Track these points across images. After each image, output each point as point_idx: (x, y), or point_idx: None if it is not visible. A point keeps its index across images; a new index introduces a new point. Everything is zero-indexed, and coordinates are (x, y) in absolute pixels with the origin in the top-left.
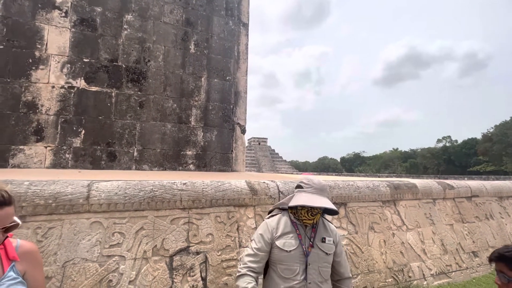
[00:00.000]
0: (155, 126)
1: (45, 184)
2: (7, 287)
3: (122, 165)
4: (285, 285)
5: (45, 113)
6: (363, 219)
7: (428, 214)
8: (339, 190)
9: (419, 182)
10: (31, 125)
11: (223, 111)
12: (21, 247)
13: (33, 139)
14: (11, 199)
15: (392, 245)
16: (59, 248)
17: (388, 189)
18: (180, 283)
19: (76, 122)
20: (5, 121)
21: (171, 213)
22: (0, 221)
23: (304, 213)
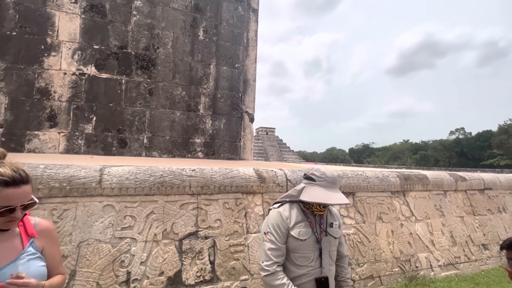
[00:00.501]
0: (164, 114)
1: (59, 168)
2: (27, 261)
3: (133, 151)
4: (299, 272)
5: (57, 99)
6: (371, 209)
7: (438, 205)
8: (347, 180)
9: (430, 174)
10: (45, 111)
11: (232, 99)
12: (39, 224)
13: (47, 125)
14: (28, 178)
15: (400, 236)
16: (74, 229)
17: (398, 180)
18: (189, 266)
19: (87, 109)
20: (20, 107)
21: (181, 199)
22: (18, 198)
23: (316, 205)
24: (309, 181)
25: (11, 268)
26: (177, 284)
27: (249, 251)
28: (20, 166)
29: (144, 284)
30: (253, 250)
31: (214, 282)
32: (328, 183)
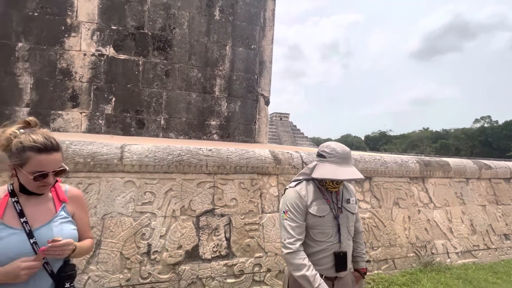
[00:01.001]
0: (180, 95)
1: (83, 144)
2: (60, 223)
3: (150, 132)
4: (318, 248)
5: (78, 80)
6: (388, 194)
7: (459, 193)
8: (364, 164)
9: (452, 160)
10: (67, 91)
11: (247, 82)
12: (69, 191)
13: (69, 105)
14: (59, 146)
15: (417, 222)
16: (98, 202)
17: (418, 166)
18: (206, 241)
19: (107, 90)
20: (44, 87)
21: (198, 177)
22: (50, 165)
23: (329, 182)
24: (320, 158)
25: (46, 229)
26: (194, 257)
27: (264, 230)
28: (51, 135)
29: (163, 256)
30: (268, 230)
31: (229, 258)
32: (338, 159)
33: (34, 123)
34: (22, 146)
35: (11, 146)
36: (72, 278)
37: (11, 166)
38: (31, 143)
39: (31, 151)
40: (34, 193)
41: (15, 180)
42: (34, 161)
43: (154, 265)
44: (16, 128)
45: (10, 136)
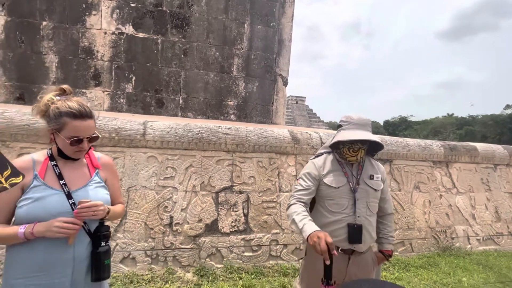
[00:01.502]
0: (198, 75)
1: (108, 120)
2: (95, 188)
3: (169, 111)
4: (333, 218)
5: (100, 59)
6: (409, 177)
7: (485, 179)
8: (386, 146)
9: (479, 145)
10: (90, 70)
11: (266, 61)
12: (102, 158)
13: (92, 84)
14: (92, 113)
15: (438, 206)
16: (123, 176)
17: (442, 149)
18: (225, 216)
19: (127, 69)
20: (68, 66)
21: (217, 155)
22: (85, 131)
23: (346, 150)
24: (338, 130)
25: (83, 192)
26: (213, 231)
27: (281, 208)
28: (84, 102)
29: (185, 228)
30: (285, 208)
31: (247, 233)
32: (354, 125)
33: (69, 90)
34: (59, 111)
35: (49, 112)
36: (106, 238)
37: (49, 131)
38: (67, 109)
39: (67, 117)
40: (71, 158)
41: (54, 145)
42: (70, 126)
43: (176, 236)
44: (53, 94)
45: (48, 102)
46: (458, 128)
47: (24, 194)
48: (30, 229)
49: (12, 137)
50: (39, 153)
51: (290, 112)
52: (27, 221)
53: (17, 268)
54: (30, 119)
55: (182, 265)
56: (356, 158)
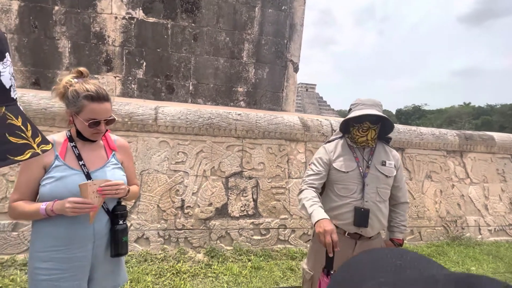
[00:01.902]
0: (208, 61)
1: (121, 105)
2: (112, 169)
3: (180, 97)
4: (341, 202)
5: (111, 44)
6: (421, 166)
7: (501, 170)
8: (398, 135)
9: (497, 135)
10: (101, 55)
11: (276, 46)
12: (118, 141)
13: (104, 69)
14: (108, 96)
15: (450, 196)
16: (136, 160)
17: (457, 139)
18: (235, 201)
19: (138, 54)
20: (81, 51)
21: (227, 140)
22: (102, 113)
23: (356, 131)
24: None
25: (101, 173)
26: (223, 214)
27: (290, 194)
28: (101, 85)
29: (196, 211)
30: (294, 194)
31: (256, 217)
32: (362, 106)
33: (86, 73)
34: (77, 94)
35: (67, 94)
36: (124, 217)
37: (68, 114)
38: (85, 91)
39: (85, 100)
40: (89, 140)
41: (73, 127)
42: (88, 109)
43: (188, 219)
44: (71, 77)
45: (67, 84)
46: (475, 118)
47: (47, 174)
48: (50, 206)
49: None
50: (58, 134)
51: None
52: (50, 198)
53: (43, 242)
54: (47, 103)
55: (193, 246)
56: (366, 139)
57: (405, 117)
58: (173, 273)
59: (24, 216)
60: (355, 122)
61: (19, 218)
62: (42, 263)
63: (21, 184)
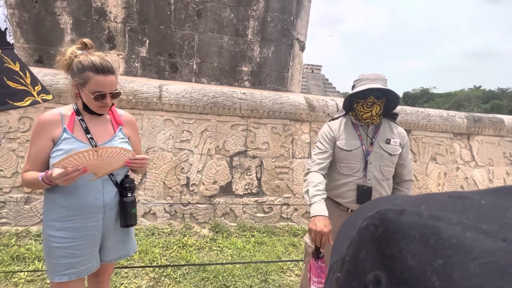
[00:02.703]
0: (212, 38)
1: (125, 82)
2: (120, 143)
3: (183, 77)
4: (344, 181)
5: (113, 20)
6: (426, 148)
7: (508, 153)
8: (405, 116)
9: (507, 117)
10: (104, 32)
11: (282, 24)
12: (124, 115)
13: (107, 47)
14: (113, 69)
15: (453, 179)
16: (142, 137)
17: (465, 121)
18: (239, 179)
19: (140, 31)
20: (82, 28)
21: (231, 120)
22: (107, 86)
23: (360, 107)
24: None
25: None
26: (228, 192)
27: (293, 173)
28: (106, 58)
29: (201, 189)
30: (297, 174)
31: (260, 196)
32: (366, 80)
33: (91, 44)
34: (82, 66)
35: (72, 66)
36: (132, 189)
37: (74, 86)
38: (90, 63)
39: (90, 71)
40: (95, 113)
41: (79, 100)
42: (93, 81)
43: (193, 195)
44: (75, 48)
45: (71, 55)
46: (484, 102)
47: (56, 146)
48: (45, 177)
49: None
50: (65, 108)
51: (304, 81)
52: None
53: (55, 212)
54: (51, 79)
55: (199, 222)
56: (371, 115)
57: (412, 100)
58: (180, 246)
59: (31, 185)
60: (359, 97)
61: (28, 187)
62: (56, 231)
63: (31, 155)
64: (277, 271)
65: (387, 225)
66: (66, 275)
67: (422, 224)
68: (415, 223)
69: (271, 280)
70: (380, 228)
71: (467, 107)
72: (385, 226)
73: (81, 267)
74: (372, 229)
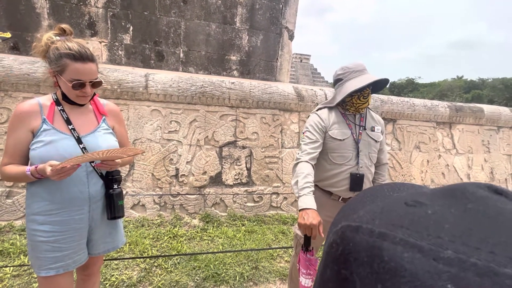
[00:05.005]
0: (199, 26)
1: (109, 71)
2: (103, 134)
3: (170, 65)
4: (337, 170)
5: (94, 5)
6: (411, 137)
7: (486, 141)
8: (391, 106)
9: (486, 107)
10: (84, 18)
11: (271, 12)
12: (107, 105)
13: (88, 33)
14: (93, 57)
15: (435, 166)
16: (128, 128)
17: (448, 110)
18: (228, 170)
19: (123, 17)
20: (61, 13)
21: (220, 110)
22: (86, 74)
23: (356, 100)
24: (338, 84)
25: (92, 138)
26: (218, 183)
27: (283, 163)
28: (85, 44)
29: (190, 180)
30: (287, 163)
31: (250, 185)
32: (356, 72)
33: (69, 31)
34: (59, 53)
35: (49, 53)
36: (118, 181)
37: (51, 73)
38: (67, 50)
39: (67, 58)
40: (76, 103)
41: (58, 89)
42: (71, 68)
43: (182, 186)
44: (52, 33)
45: (48, 41)
46: (466, 92)
47: (35, 138)
48: (35, 171)
49: (13, 87)
50: (44, 97)
51: (293, 71)
52: (41, 163)
53: (38, 206)
54: (29, 68)
55: (189, 212)
56: (367, 105)
57: (398, 90)
58: (170, 236)
59: (14, 179)
60: (357, 91)
61: (10, 180)
62: (39, 225)
63: (9, 147)
64: (267, 258)
65: (344, 244)
66: (53, 269)
67: (371, 245)
68: (366, 244)
69: (262, 267)
70: (340, 247)
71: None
72: (343, 246)
73: (69, 260)
74: (335, 247)
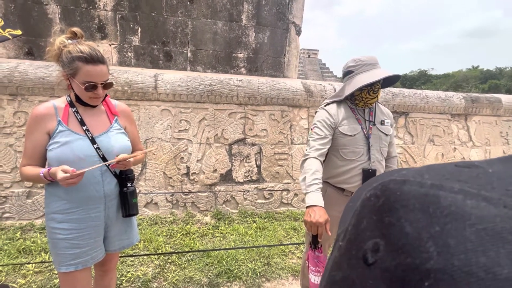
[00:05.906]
0: (206, 25)
1: (119, 72)
2: (116, 134)
3: (178, 65)
4: (349, 166)
5: (103, 8)
6: (424, 130)
7: (504, 133)
8: (403, 98)
9: (504, 97)
10: (94, 21)
11: (278, 7)
12: (119, 106)
13: (98, 36)
14: (104, 59)
15: (451, 159)
16: (139, 128)
17: (463, 102)
18: (238, 167)
19: (132, 19)
20: (71, 17)
21: (229, 108)
22: (98, 76)
23: (365, 94)
24: (348, 76)
25: (105, 138)
26: (228, 180)
27: (293, 159)
28: (96, 47)
29: (201, 178)
30: (296, 159)
31: (260, 182)
32: (368, 66)
33: (80, 34)
34: (71, 56)
35: (62, 56)
36: (131, 180)
37: (65, 76)
38: (78, 53)
39: (79, 61)
40: (89, 105)
41: (71, 92)
42: (83, 71)
43: (193, 184)
44: (64, 37)
45: (60, 45)
46: (482, 82)
47: (52, 139)
48: (47, 174)
49: (29, 91)
50: (59, 100)
51: (301, 66)
52: (57, 163)
53: (57, 205)
54: (44, 72)
55: (200, 210)
56: (377, 99)
57: (410, 82)
58: (183, 233)
59: (31, 180)
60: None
61: (28, 181)
62: (58, 223)
63: (28, 149)
64: (279, 254)
65: (388, 195)
66: (73, 265)
67: (423, 193)
68: (416, 193)
69: (274, 263)
70: (382, 199)
71: (465, 87)
72: (386, 196)
73: (87, 256)
74: (374, 199)
